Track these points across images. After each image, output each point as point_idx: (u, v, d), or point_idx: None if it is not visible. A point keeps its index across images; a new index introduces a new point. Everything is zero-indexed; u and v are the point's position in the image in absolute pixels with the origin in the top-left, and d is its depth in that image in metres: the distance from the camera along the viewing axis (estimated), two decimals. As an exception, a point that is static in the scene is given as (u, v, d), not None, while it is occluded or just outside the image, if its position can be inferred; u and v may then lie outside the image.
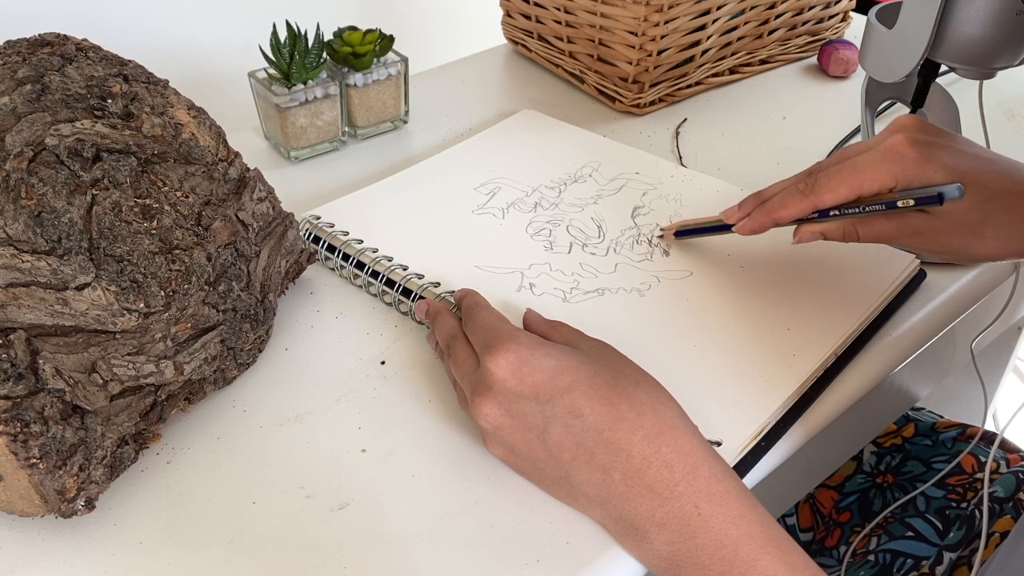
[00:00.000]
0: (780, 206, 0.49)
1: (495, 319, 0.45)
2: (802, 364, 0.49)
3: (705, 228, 0.56)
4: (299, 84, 0.65)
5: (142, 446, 0.43)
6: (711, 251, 0.57)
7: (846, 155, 0.48)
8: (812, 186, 0.48)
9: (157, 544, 0.40)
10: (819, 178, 0.47)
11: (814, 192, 0.47)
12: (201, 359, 0.43)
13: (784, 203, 0.49)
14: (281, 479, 0.43)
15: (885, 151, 0.46)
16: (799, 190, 0.48)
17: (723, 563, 0.36)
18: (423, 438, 0.45)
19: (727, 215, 0.53)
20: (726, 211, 0.53)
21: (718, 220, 0.54)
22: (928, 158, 0.45)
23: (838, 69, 0.82)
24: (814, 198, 0.47)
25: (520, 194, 0.63)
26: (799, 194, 0.48)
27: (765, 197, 0.51)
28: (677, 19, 0.71)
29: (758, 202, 0.51)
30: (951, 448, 0.69)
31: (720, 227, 0.54)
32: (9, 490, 0.38)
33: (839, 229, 0.49)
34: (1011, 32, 0.51)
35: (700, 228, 0.56)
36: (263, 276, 0.49)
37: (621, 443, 0.38)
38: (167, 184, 0.44)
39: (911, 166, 0.45)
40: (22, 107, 0.42)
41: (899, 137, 0.46)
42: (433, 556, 0.40)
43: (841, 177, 0.47)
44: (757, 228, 0.50)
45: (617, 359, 0.43)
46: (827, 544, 0.69)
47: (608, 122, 0.75)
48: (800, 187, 0.48)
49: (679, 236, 0.57)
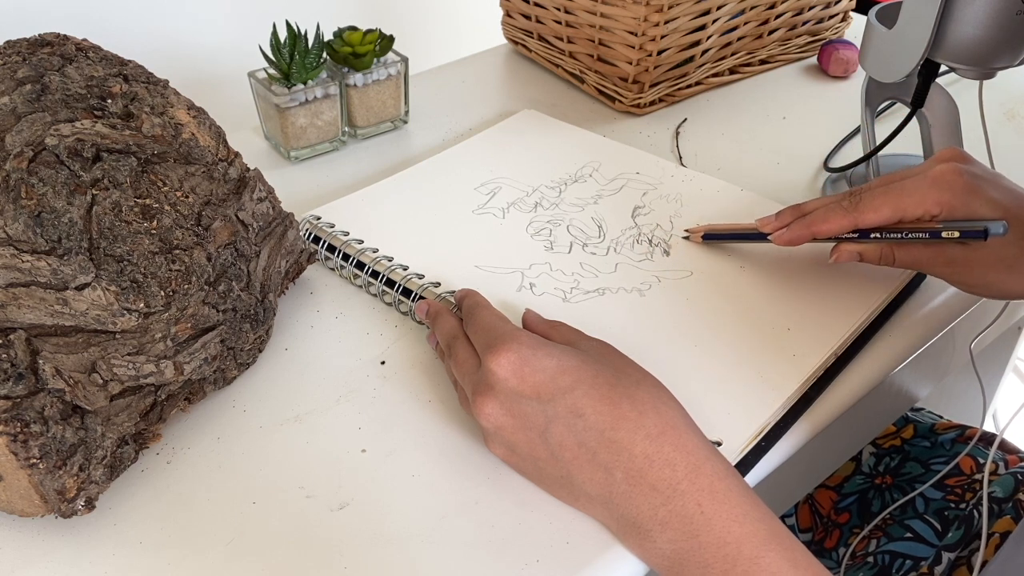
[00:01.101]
0: (821, 220, 0.49)
1: (496, 319, 0.45)
2: (802, 364, 0.49)
3: (737, 235, 0.55)
4: (299, 84, 0.65)
5: (142, 446, 0.43)
6: (711, 251, 0.57)
7: (892, 178, 0.48)
8: (856, 204, 0.48)
9: (157, 544, 0.40)
10: (863, 197, 0.48)
11: (857, 210, 0.47)
12: (201, 359, 0.43)
13: (826, 218, 0.49)
14: (281, 479, 0.43)
15: (933, 178, 0.46)
16: (842, 207, 0.48)
17: (726, 561, 0.36)
18: (423, 438, 0.45)
19: (763, 224, 0.52)
20: (762, 220, 0.53)
21: (752, 228, 0.53)
22: (975, 190, 0.46)
23: (838, 69, 0.82)
24: (856, 216, 0.47)
25: (520, 194, 0.63)
26: (842, 210, 0.48)
27: (805, 210, 0.51)
28: (677, 19, 0.71)
29: (797, 214, 0.51)
30: (950, 449, 0.69)
31: (753, 235, 0.53)
32: (9, 490, 0.38)
33: (876, 251, 0.49)
34: (1011, 32, 0.51)
35: (731, 234, 0.55)
36: (263, 276, 0.49)
37: (623, 442, 0.38)
38: (167, 184, 0.44)
39: (958, 196, 0.46)
40: (22, 107, 0.42)
41: (948, 166, 0.46)
42: (433, 556, 0.40)
43: (886, 198, 0.47)
44: (795, 240, 0.50)
45: (618, 359, 0.43)
46: (826, 545, 0.69)
47: (608, 122, 0.75)
48: (844, 204, 0.48)
49: (706, 239, 0.57)
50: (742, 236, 0.55)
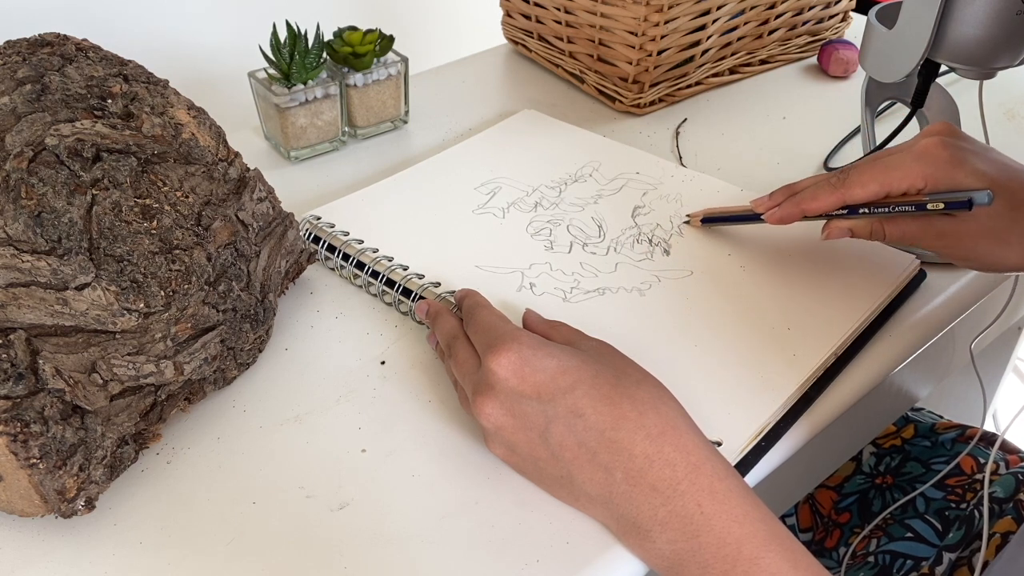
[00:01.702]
0: (811, 198, 0.50)
1: (496, 319, 0.45)
2: (802, 364, 0.49)
3: (734, 216, 0.57)
4: (299, 84, 0.65)
5: (142, 446, 0.43)
6: (711, 251, 0.57)
7: (879, 155, 0.49)
8: (843, 181, 0.49)
9: (157, 544, 0.40)
10: (851, 173, 0.48)
11: (844, 186, 0.48)
12: (201, 359, 0.43)
13: (815, 195, 0.50)
14: (281, 479, 0.43)
15: (918, 152, 0.47)
16: (831, 184, 0.49)
17: (726, 561, 0.36)
18: (423, 438, 0.45)
19: (757, 204, 0.54)
20: (756, 200, 0.54)
21: (747, 209, 0.55)
22: (960, 162, 0.46)
23: (838, 69, 0.82)
24: (844, 192, 0.48)
25: (520, 194, 0.63)
26: (830, 187, 0.49)
27: (796, 189, 0.52)
28: (677, 19, 0.71)
29: (789, 193, 0.52)
30: (950, 449, 0.69)
31: (749, 216, 0.55)
32: (9, 490, 0.38)
33: (867, 227, 0.50)
34: (1011, 32, 0.51)
35: (728, 216, 0.57)
36: (263, 276, 0.49)
37: (623, 442, 0.38)
38: (167, 184, 0.44)
39: (942, 168, 0.46)
40: (22, 107, 0.42)
41: (932, 140, 0.47)
42: (433, 556, 0.40)
43: (872, 174, 0.48)
44: (786, 218, 0.51)
45: (618, 359, 0.43)
46: (826, 545, 0.69)
47: (608, 122, 0.75)
48: (832, 181, 0.49)
49: (705, 223, 0.58)
50: (738, 218, 0.56)
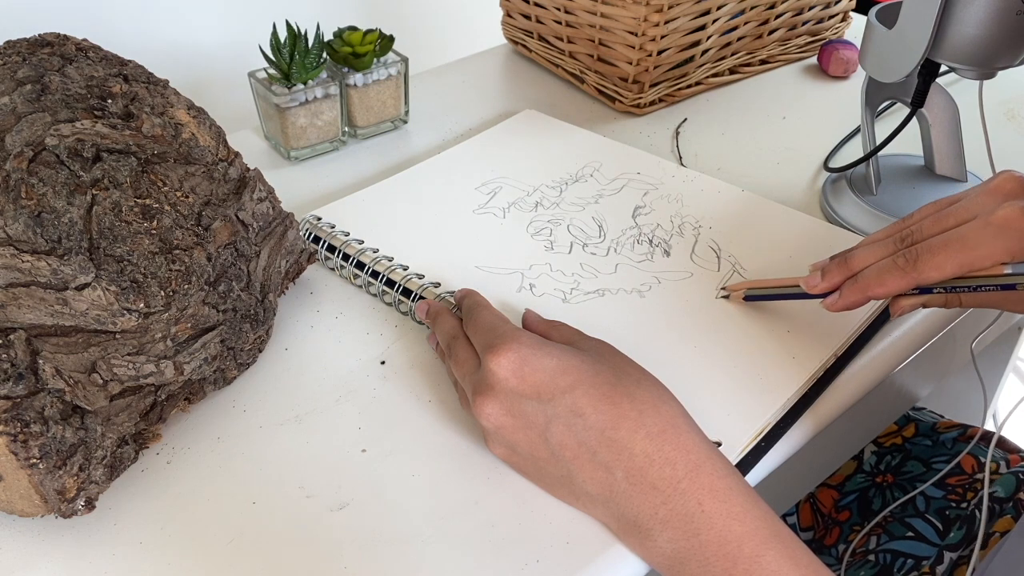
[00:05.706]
0: (877, 283, 0.44)
1: (496, 319, 0.45)
2: (802, 366, 0.48)
3: (783, 295, 0.51)
4: (299, 84, 0.65)
5: (142, 446, 0.43)
6: (711, 251, 0.57)
7: (946, 222, 0.44)
8: (913, 262, 0.43)
9: (157, 544, 0.40)
10: (921, 254, 0.43)
11: (916, 269, 0.43)
12: (201, 359, 0.43)
13: (882, 281, 0.44)
14: (281, 479, 0.43)
15: (999, 226, 0.41)
16: (898, 266, 0.43)
17: (727, 559, 0.36)
18: (423, 438, 0.45)
19: (810, 285, 0.48)
20: (808, 279, 0.48)
21: (797, 286, 0.49)
22: None
23: (838, 69, 0.82)
24: (916, 276, 0.43)
25: (521, 194, 0.63)
26: (899, 271, 0.43)
27: (854, 268, 0.46)
28: (677, 19, 0.71)
29: (846, 273, 0.46)
30: (951, 448, 0.69)
31: (800, 295, 0.49)
32: (9, 490, 0.38)
33: (942, 299, 0.46)
34: (1011, 32, 0.51)
35: (776, 294, 0.51)
36: (263, 276, 0.49)
37: (623, 441, 0.38)
38: (167, 184, 0.44)
39: None
40: (22, 107, 0.42)
41: (1014, 210, 0.41)
42: (433, 556, 0.40)
43: (948, 254, 0.42)
44: (851, 306, 0.46)
45: (618, 358, 0.43)
46: (826, 542, 0.69)
47: (608, 122, 0.75)
48: (899, 263, 0.43)
49: (748, 300, 0.53)
50: (788, 296, 0.50)
